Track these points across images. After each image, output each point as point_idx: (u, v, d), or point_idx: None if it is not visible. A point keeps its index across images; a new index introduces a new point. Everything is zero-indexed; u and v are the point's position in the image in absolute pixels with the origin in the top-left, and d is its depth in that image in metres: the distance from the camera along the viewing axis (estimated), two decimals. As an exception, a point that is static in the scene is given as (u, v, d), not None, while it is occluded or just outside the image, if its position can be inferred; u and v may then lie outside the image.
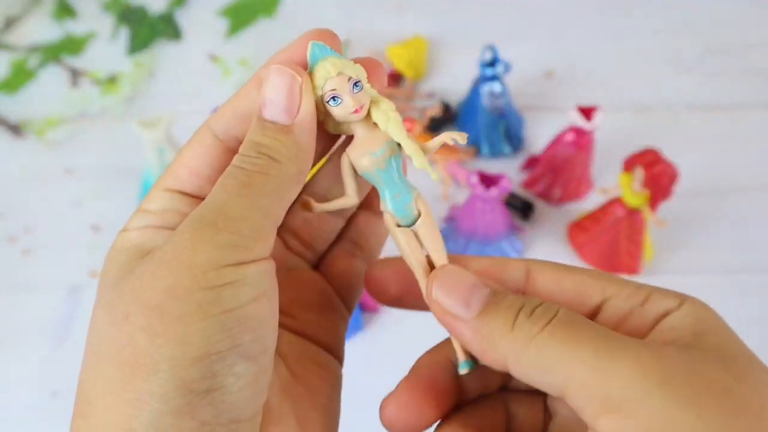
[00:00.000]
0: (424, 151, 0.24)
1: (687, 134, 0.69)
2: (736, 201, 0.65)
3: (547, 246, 0.63)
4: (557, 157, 0.62)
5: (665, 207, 0.55)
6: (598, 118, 0.59)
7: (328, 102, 0.24)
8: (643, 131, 0.69)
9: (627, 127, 0.69)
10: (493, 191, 0.56)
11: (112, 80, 0.75)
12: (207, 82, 0.75)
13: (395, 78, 0.73)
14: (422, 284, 0.25)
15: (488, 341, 0.22)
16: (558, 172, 0.62)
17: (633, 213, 0.56)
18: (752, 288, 0.60)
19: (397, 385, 0.26)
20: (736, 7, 0.78)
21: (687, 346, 0.21)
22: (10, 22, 0.81)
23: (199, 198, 0.25)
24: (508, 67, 0.62)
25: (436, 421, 0.25)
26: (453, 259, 0.25)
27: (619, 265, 0.60)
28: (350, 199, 0.26)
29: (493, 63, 0.63)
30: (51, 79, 0.76)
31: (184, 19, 0.80)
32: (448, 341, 0.26)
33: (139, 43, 0.78)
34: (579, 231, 0.61)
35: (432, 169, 0.24)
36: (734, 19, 0.77)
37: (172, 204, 0.25)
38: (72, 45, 0.79)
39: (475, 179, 0.57)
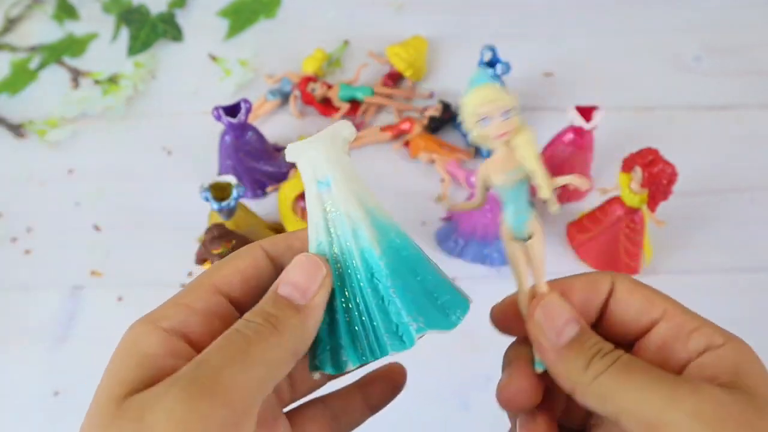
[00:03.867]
0: (552, 184, 0.28)
1: (686, 134, 0.69)
2: (736, 201, 0.65)
3: (547, 245, 0.63)
4: (556, 157, 0.62)
5: (664, 207, 0.55)
6: (597, 117, 0.59)
7: (479, 122, 0.27)
8: (643, 131, 0.69)
9: (626, 126, 0.69)
10: (493, 191, 0.56)
11: (113, 81, 0.75)
12: (207, 83, 0.75)
13: (395, 78, 0.73)
14: (521, 297, 0.29)
15: (566, 369, 0.27)
16: (557, 171, 0.62)
17: (632, 213, 0.56)
18: (751, 287, 0.60)
19: (508, 373, 0.30)
20: (736, 7, 0.78)
21: (721, 384, 0.25)
22: (12, 23, 0.81)
23: (238, 306, 0.28)
24: (507, 67, 0.62)
25: (536, 403, 0.30)
26: (553, 283, 0.29)
27: (618, 264, 0.60)
28: (478, 203, 0.30)
29: (492, 63, 0.63)
30: (52, 80, 0.76)
31: (184, 19, 0.80)
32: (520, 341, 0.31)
33: (139, 44, 0.78)
34: (578, 230, 0.61)
35: (553, 201, 0.28)
36: (734, 19, 0.77)
37: (218, 308, 0.28)
38: (73, 46, 0.79)
39: (474, 179, 0.57)
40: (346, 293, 0.28)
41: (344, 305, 0.28)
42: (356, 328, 0.28)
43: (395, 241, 0.29)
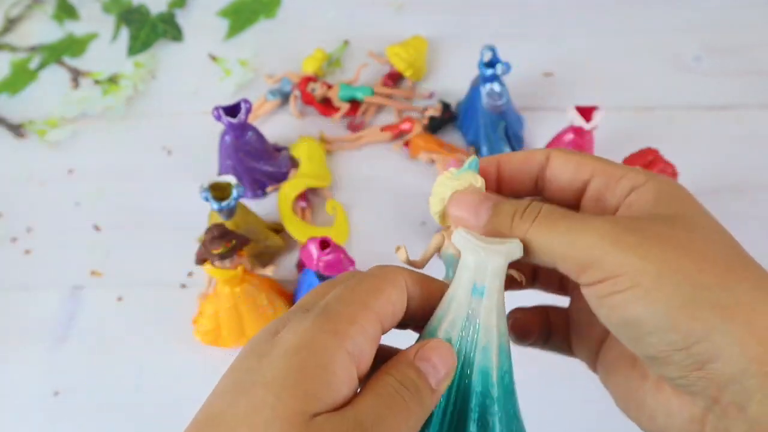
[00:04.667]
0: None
1: (686, 134, 0.69)
2: (736, 201, 0.65)
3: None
4: (557, 157, 0.62)
5: (664, 207, 0.55)
6: (597, 117, 0.59)
7: None
8: (643, 131, 0.69)
9: (626, 126, 0.69)
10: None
11: (113, 81, 0.75)
12: (208, 83, 0.75)
13: (395, 78, 0.73)
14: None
15: (533, 228, 0.28)
16: (557, 171, 0.62)
17: (632, 213, 0.56)
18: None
19: None
20: (736, 7, 0.78)
21: (644, 213, 0.28)
22: (12, 23, 0.81)
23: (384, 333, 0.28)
24: (507, 67, 0.62)
25: None
26: (489, 158, 0.32)
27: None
28: (422, 263, 0.33)
29: (492, 63, 0.63)
30: (52, 80, 0.76)
31: (184, 19, 0.80)
32: None
33: (139, 44, 0.78)
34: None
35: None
36: (734, 19, 0.77)
37: (377, 339, 0.28)
38: (73, 46, 0.79)
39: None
40: (451, 393, 0.29)
41: (445, 402, 0.29)
42: (444, 426, 0.29)
43: (506, 374, 0.30)
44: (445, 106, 0.69)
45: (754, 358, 0.24)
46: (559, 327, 0.35)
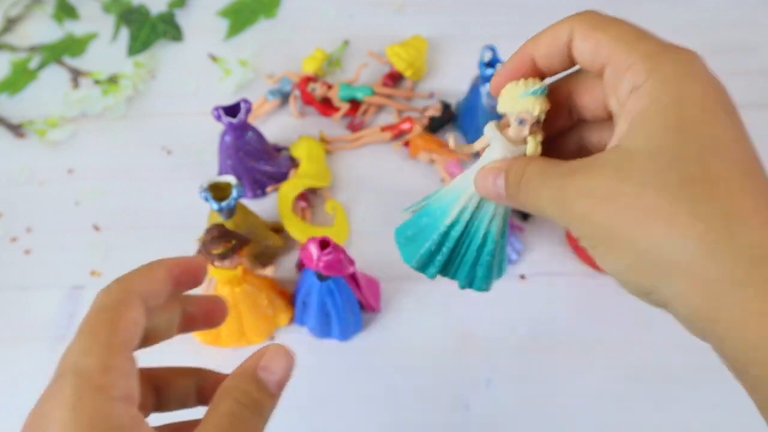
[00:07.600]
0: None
1: (686, 134, 0.69)
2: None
3: (547, 246, 0.63)
4: (557, 157, 0.62)
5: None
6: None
7: (516, 118, 0.32)
8: (643, 131, 0.69)
9: (627, 127, 0.69)
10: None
11: (112, 81, 0.75)
12: (207, 83, 0.75)
13: (395, 78, 0.73)
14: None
15: (521, 204, 0.30)
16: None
17: (632, 213, 0.56)
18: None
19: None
20: (736, 7, 0.78)
21: (624, 142, 0.27)
22: (12, 23, 0.81)
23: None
24: (507, 67, 0.62)
25: None
26: (520, 53, 0.32)
27: (618, 264, 0.60)
28: (469, 150, 0.37)
29: (492, 63, 0.63)
30: (52, 80, 0.76)
31: (184, 19, 0.80)
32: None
33: (139, 44, 0.78)
34: (578, 231, 0.61)
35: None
36: (734, 19, 0.77)
37: (131, 366, 0.29)
38: (73, 45, 0.79)
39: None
40: (465, 230, 0.34)
41: (454, 243, 0.34)
42: (453, 256, 0.34)
43: (503, 236, 0.35)
44: (445, 106, 0.69)
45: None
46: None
